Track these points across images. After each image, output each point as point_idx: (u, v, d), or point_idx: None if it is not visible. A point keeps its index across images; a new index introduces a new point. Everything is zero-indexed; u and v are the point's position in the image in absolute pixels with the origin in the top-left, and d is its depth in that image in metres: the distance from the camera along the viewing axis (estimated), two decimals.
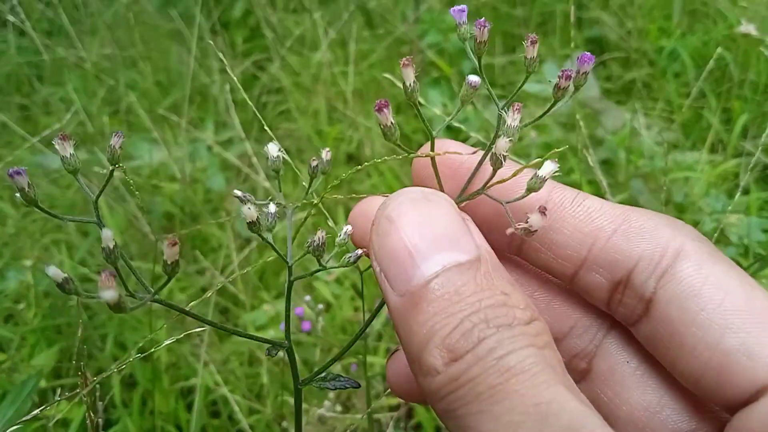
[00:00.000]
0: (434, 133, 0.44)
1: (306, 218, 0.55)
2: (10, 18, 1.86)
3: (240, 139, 1.92)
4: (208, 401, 1.45)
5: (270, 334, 1.37)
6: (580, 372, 0.48)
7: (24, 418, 0.60)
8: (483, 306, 0.35)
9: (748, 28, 1.42)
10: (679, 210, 1.50)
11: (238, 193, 0.55)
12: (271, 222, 0.52)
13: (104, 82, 2.24)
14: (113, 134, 0.45)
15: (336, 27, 2.20)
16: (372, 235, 0.41)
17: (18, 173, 0.41)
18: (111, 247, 0.40)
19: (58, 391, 1.36)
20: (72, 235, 1.74)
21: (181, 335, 0.58)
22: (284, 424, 1.31)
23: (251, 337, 0.54)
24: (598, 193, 1.64)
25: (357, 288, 1.48)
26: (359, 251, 0.50)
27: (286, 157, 0.54)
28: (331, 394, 1.22)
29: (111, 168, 0.46)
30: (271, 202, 0.53)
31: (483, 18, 0.41)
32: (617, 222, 0.43)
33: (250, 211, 0.47)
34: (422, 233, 0.38)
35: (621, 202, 1.56)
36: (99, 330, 1.56)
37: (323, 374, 0.53)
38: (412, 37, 2.08)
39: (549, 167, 0.41)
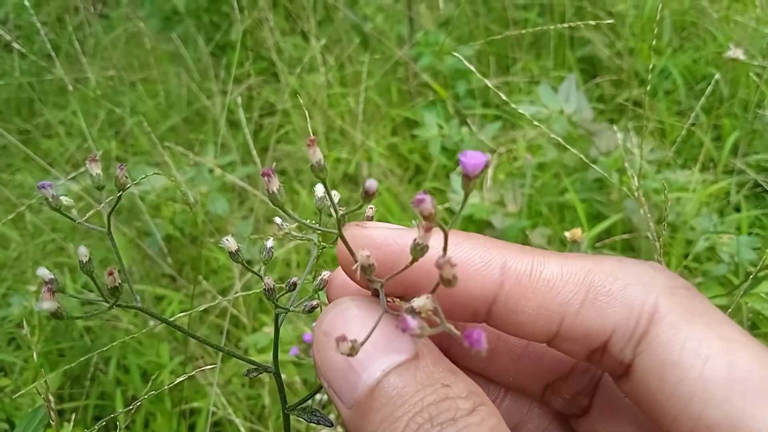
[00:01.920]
0: (339, 215, 0.41)
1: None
2: (8, 37, 1.89)
3: (244, 162, 1.95)
4: (211, 422, 1.46)
5: (271, 356, 1.39)
6: (583, 408, 0.49)
7: None
8: (426, 404, 0.35)
9: (736, 52, 1.45)
10: (672, 229, 1.53)
11: (278, 220, 0.59)
12: (266, 256, 0.55)
13: (105, 105, 2.27)
14: (118, 166, 0.51)
15: (334, 51, 2.23)
16: (314, 352, 0.41)
17: (43, 187, 0.49)
18: (84, 261, 0.47)
19: (66, 414, 1.39)
20: (73, 258, 1.76)
21: (191, 372, 0.60)
22: None
23: (239, 357, 0.57)
24: (593, 213, 1.68)
25: None
26: (314, 302, 0.52)
27: (330, 196, 0.57)
28: (332, 416, 1.24)
29: (119, 192, 0.51)
30: (270, 239, 0.56)
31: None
32: (582, 292, 0.40)
33: (229, 243, 0.51)
34: None
35: (615, 223, 1.58)
36: (102, 353, 1.58)
37: (304, 405, 0.56)
38: (407, 59, 2.11)
39: (421, 302, 0.36)
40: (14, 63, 2.59)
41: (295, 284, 0.55)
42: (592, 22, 1.15)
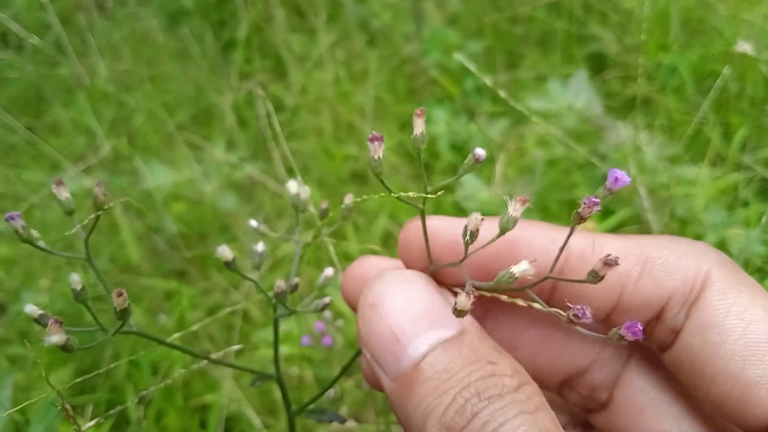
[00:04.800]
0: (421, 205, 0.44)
1: (303, 253, 0.58)
2: (16, 32, 1.90)
3: (254, 157, 1.96)
4: (222, 418, 1.47)
5: (283, 350, 1.39)
6: (602, 403, 0.49)
7: None
8: (473, 379, 0.36)
9: (744, 47, 1.45)
10: (682, 224, 1.53)
11: (254, 223, 0.58)
12: (258, 260, 0.56)
13: (114, 101, 2.28)
14: (96, 183, 0.48)
15: (342, 48, 2.24)
16: (358, 323, 0.42)
17: (12, 218, 0.46)
18: (78, 289, 0.46)
19: (81, 408, 1.39)
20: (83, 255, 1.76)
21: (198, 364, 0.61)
22: None
23: (239, 368, 0.58)
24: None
25: None
26: (326, 299, 0.53)
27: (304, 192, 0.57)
28: (345, 408, 1.25)
29: (98, 213, 0.49)
30: (261, 242, 0.56)
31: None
32: (641, 263, 0.42)
33: (224, 251, 0.49)
34: (405, 316, 0.40)
35: (625, 217, 1.59)
36: (113, 349, 1.59)
37: (312, 406, 0.56)
38: (416, 56, 2.12)
39: (522, 266, 0.39)
40: (22, 62, 2.60)
41: (297, 285, 0.55)
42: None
